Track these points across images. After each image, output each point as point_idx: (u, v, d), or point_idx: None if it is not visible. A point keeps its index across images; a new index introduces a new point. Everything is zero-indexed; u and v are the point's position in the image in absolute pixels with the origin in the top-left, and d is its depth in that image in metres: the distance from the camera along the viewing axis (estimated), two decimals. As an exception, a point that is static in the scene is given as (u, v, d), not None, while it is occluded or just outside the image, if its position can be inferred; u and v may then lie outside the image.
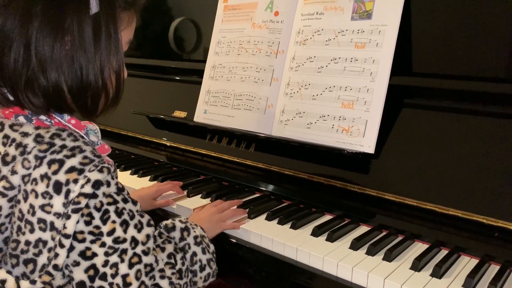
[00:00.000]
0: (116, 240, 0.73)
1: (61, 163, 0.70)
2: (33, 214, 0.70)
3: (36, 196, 0.70)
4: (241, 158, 1.33)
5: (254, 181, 1.29)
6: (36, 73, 0.72)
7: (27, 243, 0.70)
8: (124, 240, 0.74)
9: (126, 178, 1.40)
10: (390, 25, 1.11)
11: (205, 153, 1.44)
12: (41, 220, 0.69)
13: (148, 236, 0.78)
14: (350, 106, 1.14)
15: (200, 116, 1.48)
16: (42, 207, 0.69)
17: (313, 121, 1.20)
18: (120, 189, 0.76)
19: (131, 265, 0.74)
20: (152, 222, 0.80)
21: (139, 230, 0.76)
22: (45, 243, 0.70)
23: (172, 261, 0.85)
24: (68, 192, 0.69)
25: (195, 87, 1.53)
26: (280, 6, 1.34)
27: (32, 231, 0.70)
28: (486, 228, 0.92)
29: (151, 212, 1.18)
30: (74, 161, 0.71)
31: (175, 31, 1.75)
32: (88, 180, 0.70)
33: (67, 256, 0.71)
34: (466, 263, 0.91)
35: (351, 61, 1.16)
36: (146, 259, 0.76)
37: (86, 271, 0.72)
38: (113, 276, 0.73)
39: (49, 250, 0.70)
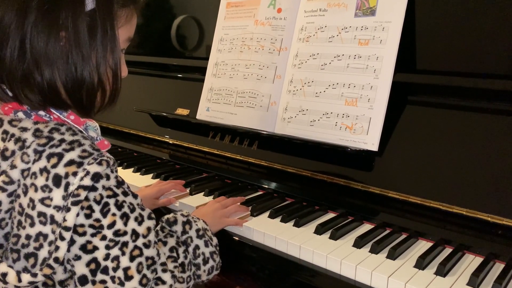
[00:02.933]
0: (117, 233, 0.73)
1: (60, 156, 0.70)
2: (33, 208, 0.70)
3: (36, 190, 0.70)
4: (244, 156, 1.33)
5: (257, 179, 1.29)
6: (31, 68, 0.72)
7: (28, 237, 0.70)
8: (125, 233, 0.74)
9: (128, 175, 1.40)
10: (394, 21, 1.10)
11: (207, 151, 1.43)
12: (41, 214, 0.70)
13: (149, 229, 0.78)
14: (353, 104, 1.14)
15: (203, 114, 1.47)
16: (42, 201, 0.69)
17: (316, 118, 1.20)
18: (120, 183, 0.76)
19: (132, 258, 0.74)
20: (153, 216, 0.80)
21: (140, 223, 0.76)
22: (45, 236, 0.70)
23: (174, 254, 0.85)
24: (67, 185, 0.69)
25: (197, 85, 1.52)
26: (283, 3, 1.33)
27: (32, 225, 0.70)
28: (491, 226, 0.92)
29: (154, 210, 1.18)
30: (73, 155, 0.71)
31: (177, 29, 1.74)
32: (87, 173, 0.70)
33: (68, 250, 0.71)
34: (470, 262, 0.90)
35: (354, 58, 1.15)
36: (148, 252, 0.76)
37: (88, 264, 0.72)
38: (115, 269, 0.73)
39: (50, 243, 0.70)
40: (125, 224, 0.74)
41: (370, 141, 1.09)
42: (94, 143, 0.77)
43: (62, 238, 0.69)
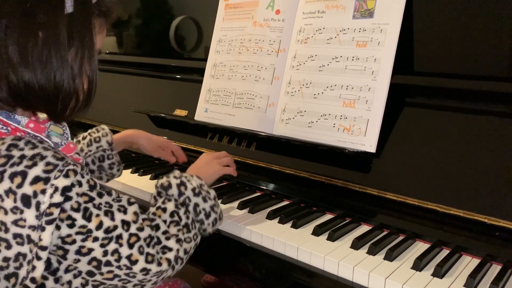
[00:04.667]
0: (107, 230, 0.73)
1: (23, 175, 0.67)
2: (7, 231, 0.67)
3: (6, 213, 0.67)
4: (242, 157, 1.33)
5: (255, 180, 1.29)
6: (6, 69, 0.70)
7: (6, 259, 0.68)
8: (115, 227, 0.74)
9: (126, 176, 1.40)
10: (392, 23, 1.10)
11: (206, 152, 1.43)
12: (17, 235, 0.68)
13: (135, 213, 0.78)
14: (351, 105, 1.14)
15: (201, 115, 1.47)
16: (15, 223, 0.67)
17: (314, 120, 1.20)
18: (93, 186, 0.74)
19: (131, 246, 0.75)
20: (132, 200, 0.80)
21: (125, 212, 0.76)
22: (24, 256, 0.68)
23: (176, 218, 0.86)
24: (38, 204, 0.67)
25: (196, 86, 1.52)
26: (282, 4, 1.34)
27: (9, 247, 0.68)
28: (488, 227, 0.92)
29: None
30: (37, 170, 0.68)
31: (176, 29, 1.74)
32: (56, 189, 0.68)
33: (65, 258, 0.71)
34: (467, 263, 0.91)
35: (352, 59, 1.16)
36: (143, 234, 0.77)
37: (89, 263, 0.72)
38: (118, 260, 0.74)
39: (29, 262, 0.68)
40: (112, 219, 0.74)
41: (368, 143, 1.09)
42: (58, 150, 0.75)
43: (38, 258, 0.68)
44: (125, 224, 0.75)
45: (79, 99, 0.78)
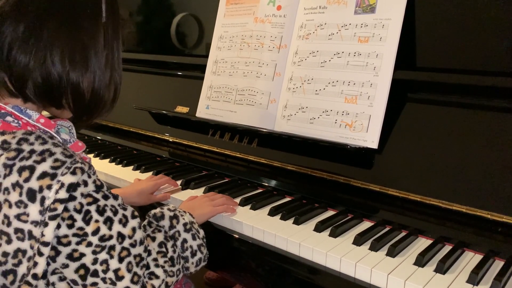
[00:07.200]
0: (102, 238, 0.73)
1: (31, 169, 0.68)
2: (9, 224, 0.68)
3: (10, 206, 0.68)
4: (243, 154, 1.33)
5: (257, 177, 1.28)
6: (47, 68, 0.72)
7: (5, 254, 0.68)
8: (111, 237, 0.74)
9: (128, 173, 1.40)
10: (394, 19, 1.10)
11: (207, 149, 1.43)
12: (18, 230, 0.68)
13: (134, 229, 0.77)
14: (353, 101, 1.13)
15: (202, 112, 1.47)
16: (17, 217, 0.68)
17: (316, 116, 1.20)
18: (99, 186, 0.74)
19: (121, 259, 0.74)
20: (136, 213, 0.80)
21: (124, 225, 0.76)
22: (24, 252, 0.68)
23: (163, 249, 0.86)
24: (43, 199, 0.68)
25: (197, 82, 1.52)
26: (283, 0, 1.33)
27: (9, 242, 0.68)
28: (491, 223, 0.92)
29: (150, 204, 1.19)
30: (45, 166, 0.68)
31: (177, 26, 1.74)
32: (62, 185, 0.68)
33: (54, 261, 0.71)
34: (470, 259, 0.90)
35: (354, 55, 1.15)
36: (135, 251, 0.77)
37: (77, 271, 0.72)
38: (105, 271, 0.73)
39: (29, 259, 0.68)
40: (110, 228, 0.74)
41: (370, 139, 1.09)
42: (67, 146, 0.75)
43: (40, 254, 0.68)
44: (121, 236, 0.75)
45: (106, 103, 0.81)
